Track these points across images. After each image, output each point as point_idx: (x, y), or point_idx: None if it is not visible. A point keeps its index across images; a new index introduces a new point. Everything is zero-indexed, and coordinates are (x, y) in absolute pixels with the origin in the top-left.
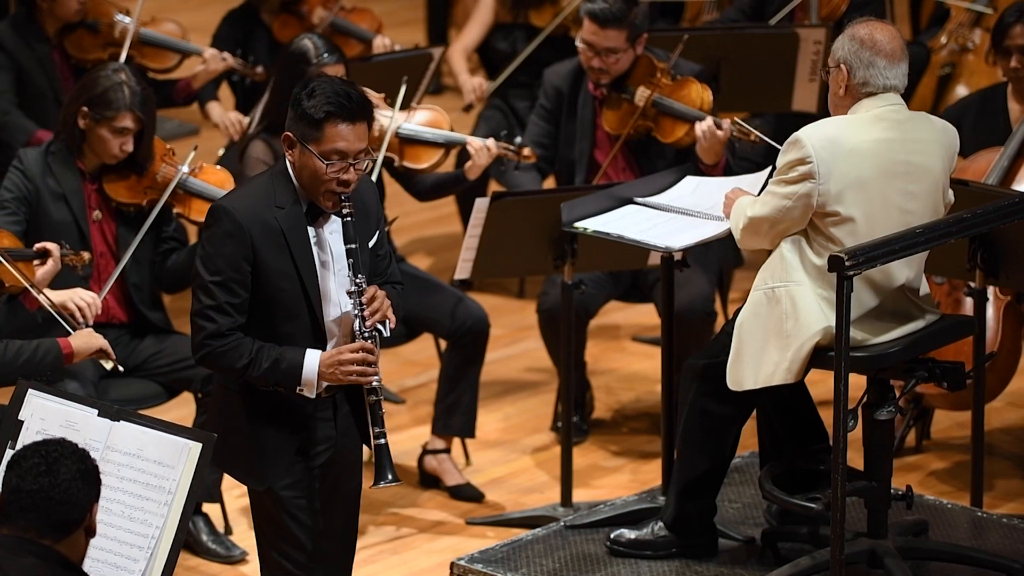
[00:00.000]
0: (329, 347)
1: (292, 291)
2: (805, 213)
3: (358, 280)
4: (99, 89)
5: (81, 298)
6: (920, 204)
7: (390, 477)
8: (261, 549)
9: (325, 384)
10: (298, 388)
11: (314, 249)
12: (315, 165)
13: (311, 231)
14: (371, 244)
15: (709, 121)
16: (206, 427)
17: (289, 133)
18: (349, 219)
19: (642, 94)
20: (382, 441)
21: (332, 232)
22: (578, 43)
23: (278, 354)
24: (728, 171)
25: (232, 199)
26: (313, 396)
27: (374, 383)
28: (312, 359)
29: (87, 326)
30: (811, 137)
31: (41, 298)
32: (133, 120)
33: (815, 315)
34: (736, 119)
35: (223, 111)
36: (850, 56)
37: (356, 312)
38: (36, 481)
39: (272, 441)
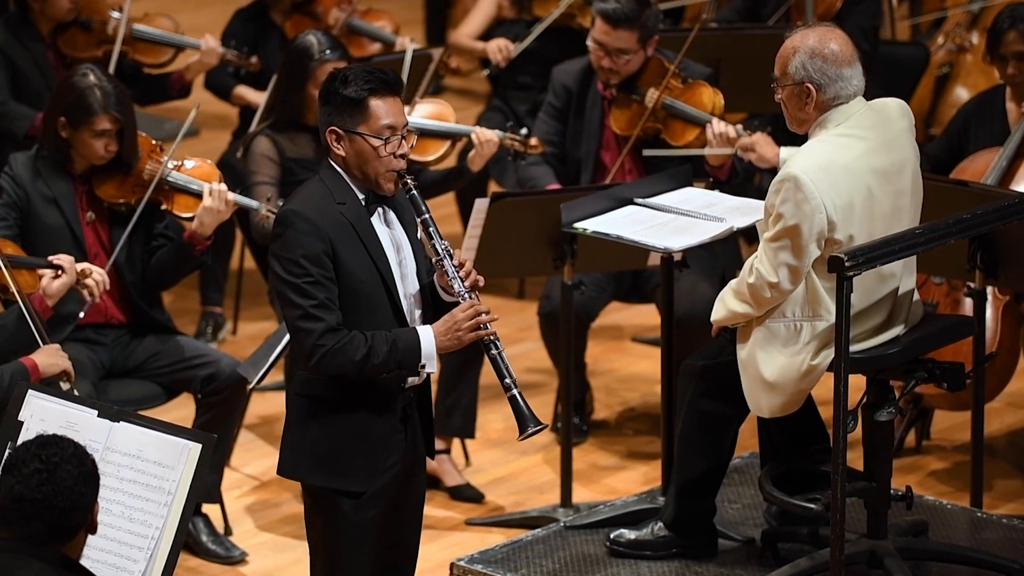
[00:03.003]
0: None
1: (372, 283)
2: (821, 244)
3: (441, 245)
4: (73, 96)
5: (99, 273)
6: (907, 198)
7: (533, 425)
8: (316, 570)
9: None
10: (420, 365)
11: (382, 239)
12: (370, 146)
13: (374, 222)
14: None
15: (721, 124)
16: (285, 445)
17: (334, 128)
18: (415, 191)
19: (652, 95)
20: (514, 392)
21: (390, 225)
22: (589, 42)
23: (393, 337)
24: (733, 173)
25: (296, 203)
26: (435, 370)
27: (493, 337)
28: (426, 333)
29: (95, 302)
30: (806, 171)
31: (27, 309)
32: (110, 121)
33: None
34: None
35: (256, 92)
36: (815, 74)
37: (452, 275)
38: (39, 490)
39: (364, 446)
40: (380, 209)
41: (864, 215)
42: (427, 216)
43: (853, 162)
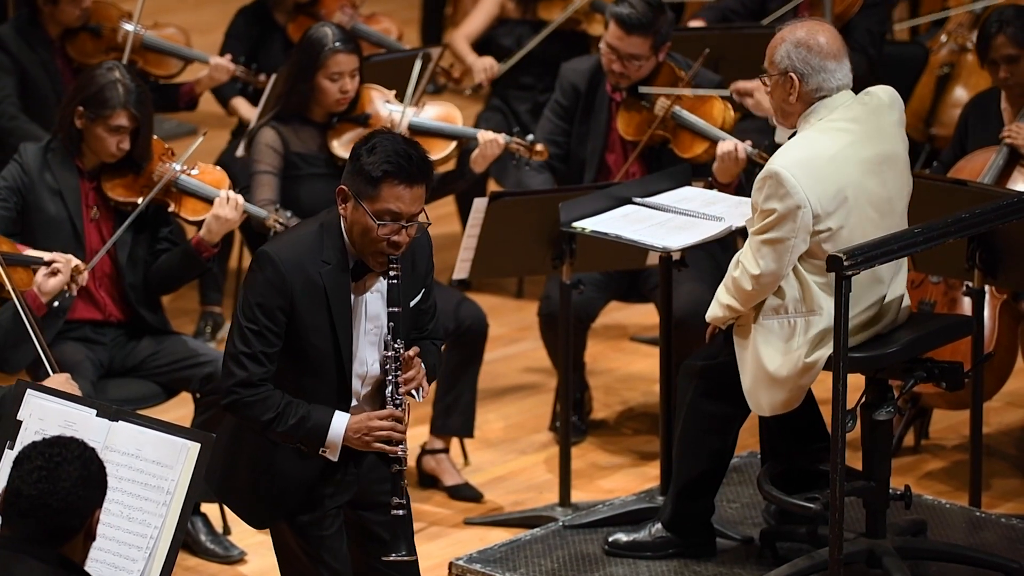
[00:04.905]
0: (353, 406)
1: (324, 349)
2: (806, 239)
3: (396, 346)
4: (94, 88)
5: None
6: (894, 187)
7: (403, 551)
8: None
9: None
10: (321, 449)
11: (353, 309)
12: (366, 223)
13: (353, 289)
14: (415, 302)
15: (732, 144)
16: (217, 448)
17: (344, 187)
18: (396, 282)
19: (662, 104)
20: (400, 513)
21: (374, 291)
22: (601, 45)
23: (305, 412)
24: (740, 189)
25: (280, 247)
26: (335, 460)
27: (400, 453)
28: (339, 422)
29: (73, 295)
30: (787, 167)
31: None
32: (128, 118)
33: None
34: (759, 151)
35: (251, 106)
36: (799, 64)
37: (391, 378)
38: (35, 487)
39: (281, 480)
40: (366, 279)
41: (856, 204)
42: (396, 310)
43: (838, 153)
